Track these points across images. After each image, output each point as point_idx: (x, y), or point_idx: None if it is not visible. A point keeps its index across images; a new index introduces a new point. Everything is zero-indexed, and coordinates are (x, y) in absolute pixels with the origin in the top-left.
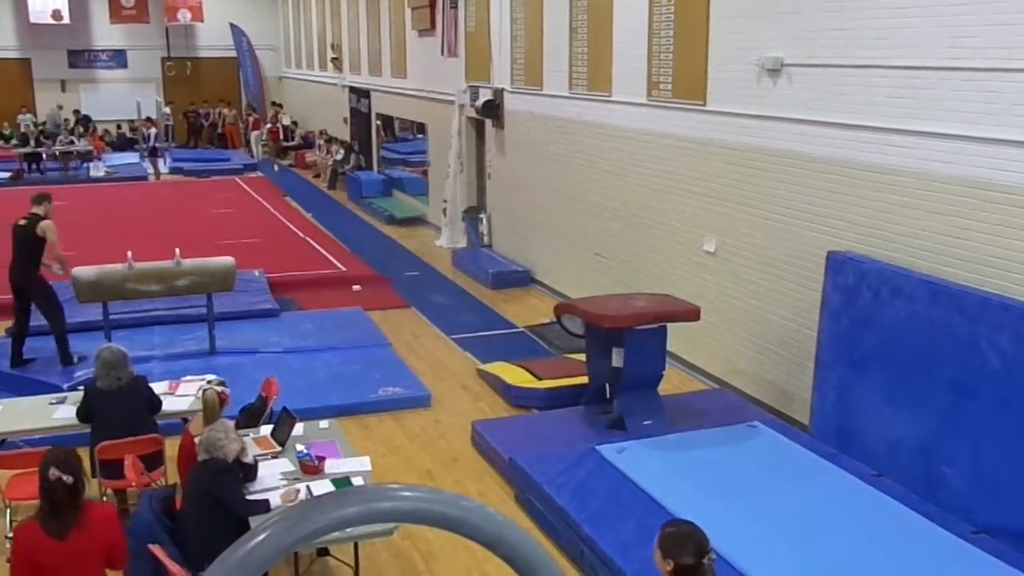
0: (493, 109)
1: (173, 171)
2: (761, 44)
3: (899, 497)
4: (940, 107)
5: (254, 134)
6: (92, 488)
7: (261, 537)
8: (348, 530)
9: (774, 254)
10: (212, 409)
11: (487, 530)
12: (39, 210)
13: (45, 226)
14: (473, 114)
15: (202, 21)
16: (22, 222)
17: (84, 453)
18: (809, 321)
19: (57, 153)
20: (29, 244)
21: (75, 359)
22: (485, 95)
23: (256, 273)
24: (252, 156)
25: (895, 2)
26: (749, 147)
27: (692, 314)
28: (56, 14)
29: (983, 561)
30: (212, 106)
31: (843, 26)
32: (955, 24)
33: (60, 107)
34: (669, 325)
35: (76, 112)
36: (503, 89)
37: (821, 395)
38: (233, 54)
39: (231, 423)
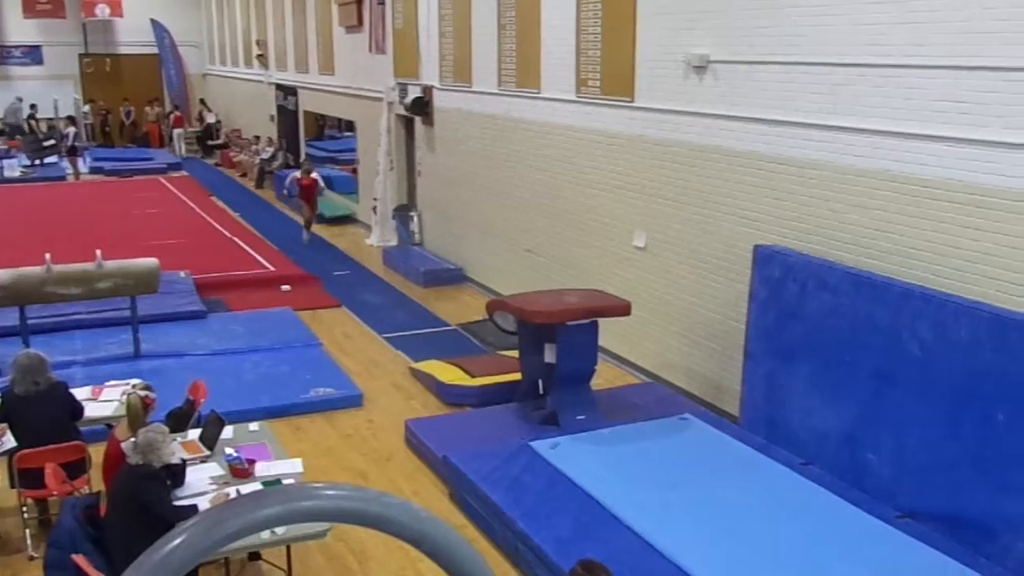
0: (422, 106)
1: (93, 171)
2: (687, 41)
3: (826, 484)
4: (860, 103)
5: (176, 131)
6: (11, 499)
7: (177, 541)
8: (279, 533)
9: (702, 248)
10: (135, 414)
11: (411, 527)
12: None
13: None
14: (402, 111)
15: (121, 16)
16: None
17: (2, 463)
18: (738, 314)
19: None
20: None
21: None
22: (414, 92)
23: (182, 274)
24: (175, 154)
25: (817, 0)
26: (676, 143)
27: (623, 309)
28: None
29: (907, 544)
30: (133, 104)
31: (767, 24)
32: (874, 23)
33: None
34: (600, 320)
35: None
36: (432, 86)
37: (750, 387)
38: (155, 51)
39: (165, 427)
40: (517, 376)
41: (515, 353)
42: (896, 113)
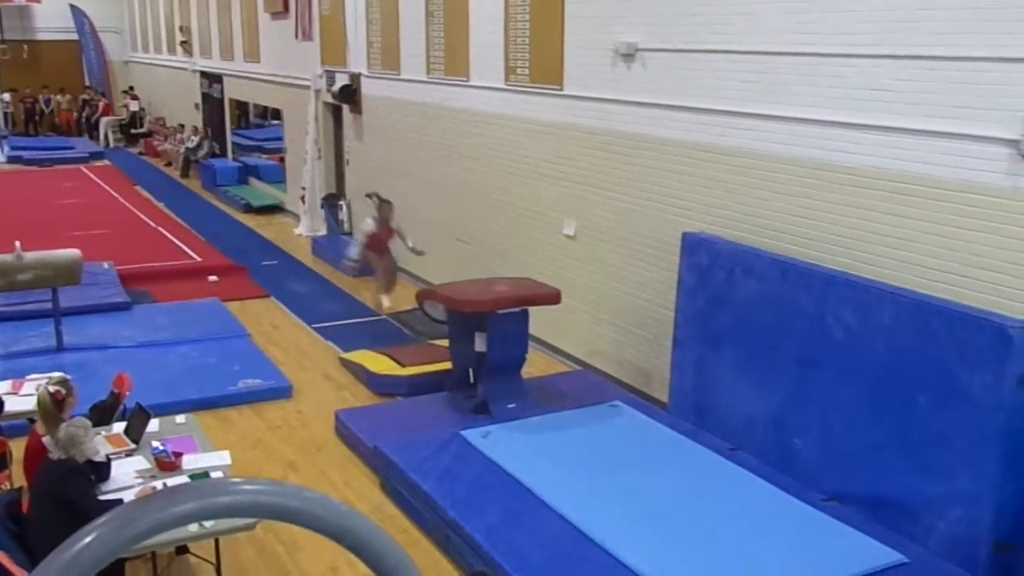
0: (350, 94)
1: (12, 160)
2: (615, 29)
3: (754, 469)
4: (785, 91)
5: (103, 120)
6: None
7: (86, 540)
8: (207, 525)
9: (632, 236)
10: (46, 409)
11: (331, 521)
12: None
13: None
14: (330, 99)
15: (39, 2)
16: None
17: None
18: (666, 301)
19: None
20: None
21: None
22: (342, 80)
23: (105, 265)
24: (99, 144)
25: None
26: (605, 131)
27: (553, 297)
28: None
29: (833, 527)
30: (53, 92)
31: (694, 12)
32: (799, 11)
33: None
34: (531, 309)
35: None
36: (360, 74)
37: (679, 373)
38: (75, 37)
39: (87, 421)
40: (448, 365)
41: (446, 342)
42: (820, 101)
